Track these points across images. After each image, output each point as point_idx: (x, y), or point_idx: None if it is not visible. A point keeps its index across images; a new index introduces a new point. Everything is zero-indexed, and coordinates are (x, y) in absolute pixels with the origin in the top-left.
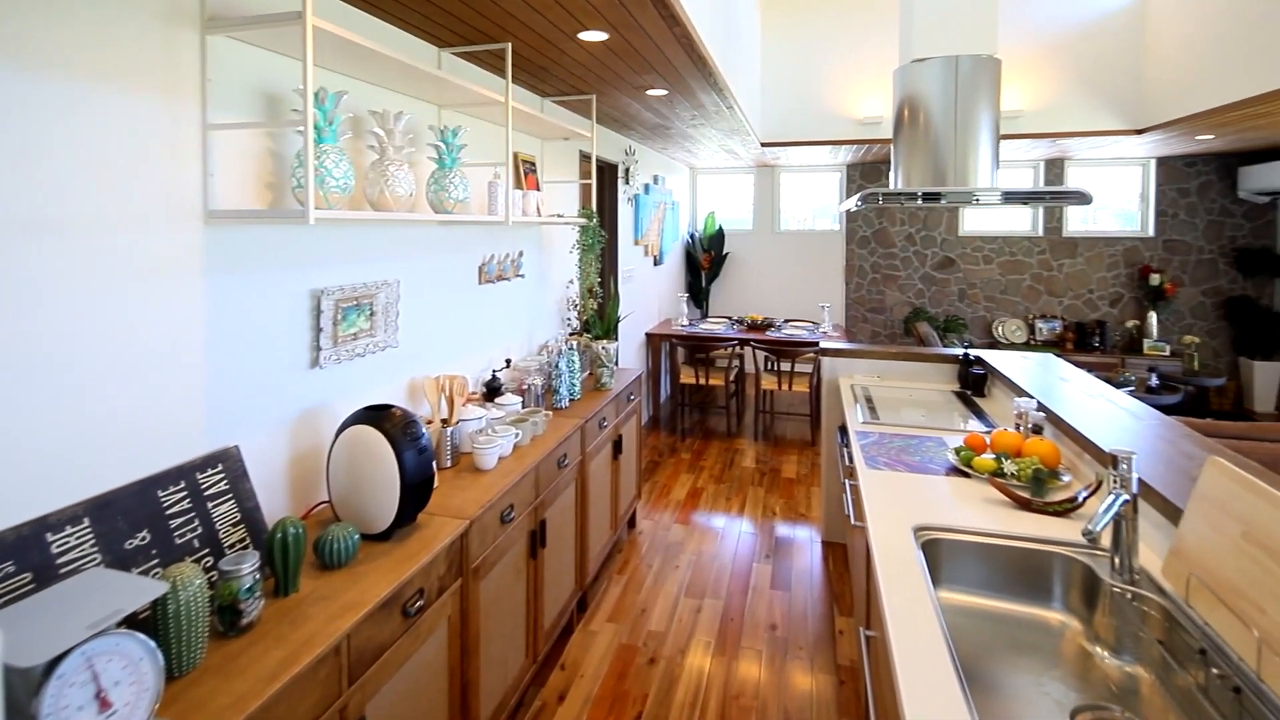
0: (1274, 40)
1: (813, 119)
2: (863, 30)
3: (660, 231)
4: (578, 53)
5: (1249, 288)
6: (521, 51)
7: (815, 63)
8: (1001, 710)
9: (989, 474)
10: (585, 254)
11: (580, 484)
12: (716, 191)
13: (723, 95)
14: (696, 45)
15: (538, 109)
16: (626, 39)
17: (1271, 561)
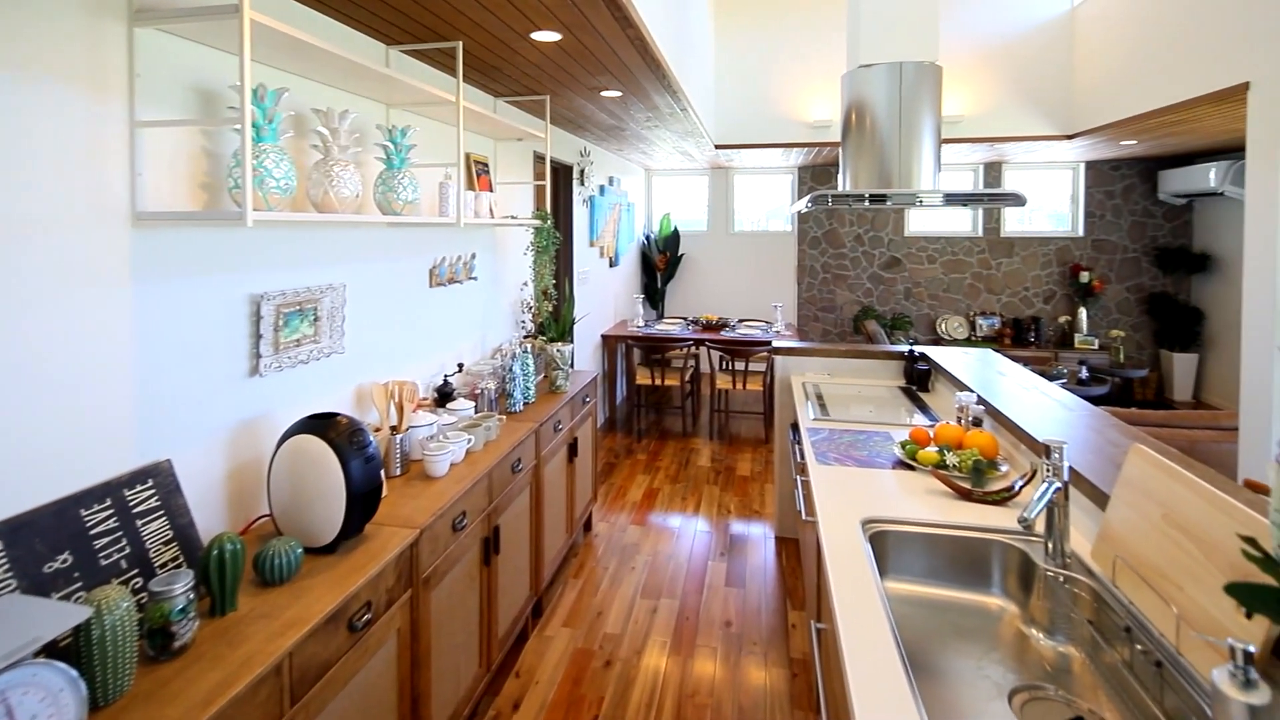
0: (1187, 55)
1: (765, 122)
2: (813, 36)
3: (616, 233)
4: (531, 53)
5: (1169, 284)
6: (473, 50)
7: (767, 67)
8: (945, 695)
9: (933, 466)
10: (540, 256)
11: (535, 489)
12: (672, 193)
13: (676, 97)
14: (650, 47)
15: (490, 109)
16: (580, 40)
17: (1189, 542)
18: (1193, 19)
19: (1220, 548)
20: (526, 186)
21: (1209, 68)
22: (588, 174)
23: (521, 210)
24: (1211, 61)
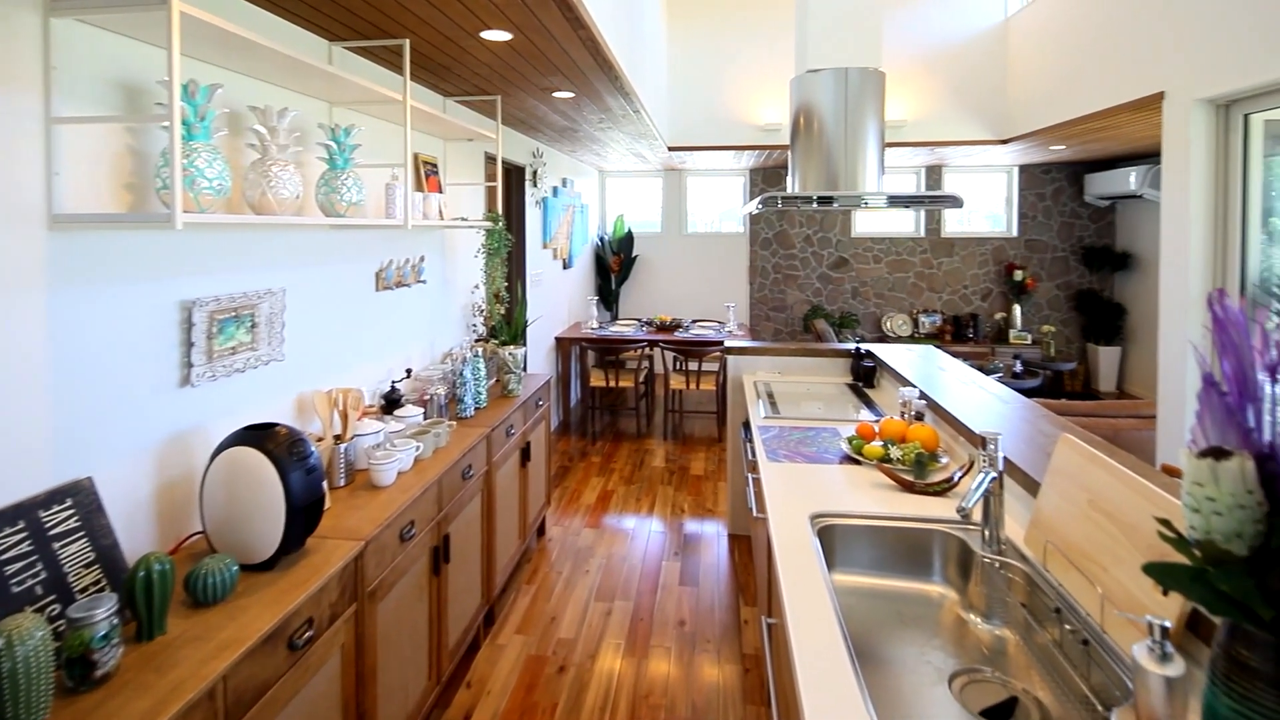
0: (1109, 66)
1: (717, 124)
2: (764, 40)
3: (569, 234)
4: (481, 52)
5: (1094, 281)
6: (421, 49)
7: (719, 70)
8: (889, 682)
9: (878, 460)
10: (491, 258)
11: (486, 495)
12: (625, 194)
13: (629, 99)
14: (602, 49)
15: (439, 109)
16: (531, 40)
17: (1112, 526)
18: (1114, 33)
19: (1140, 530)
20: (478, 188)
21: (1128, 78)
22: (541, 175)
23: (472, 212)
24: (1130, 73)
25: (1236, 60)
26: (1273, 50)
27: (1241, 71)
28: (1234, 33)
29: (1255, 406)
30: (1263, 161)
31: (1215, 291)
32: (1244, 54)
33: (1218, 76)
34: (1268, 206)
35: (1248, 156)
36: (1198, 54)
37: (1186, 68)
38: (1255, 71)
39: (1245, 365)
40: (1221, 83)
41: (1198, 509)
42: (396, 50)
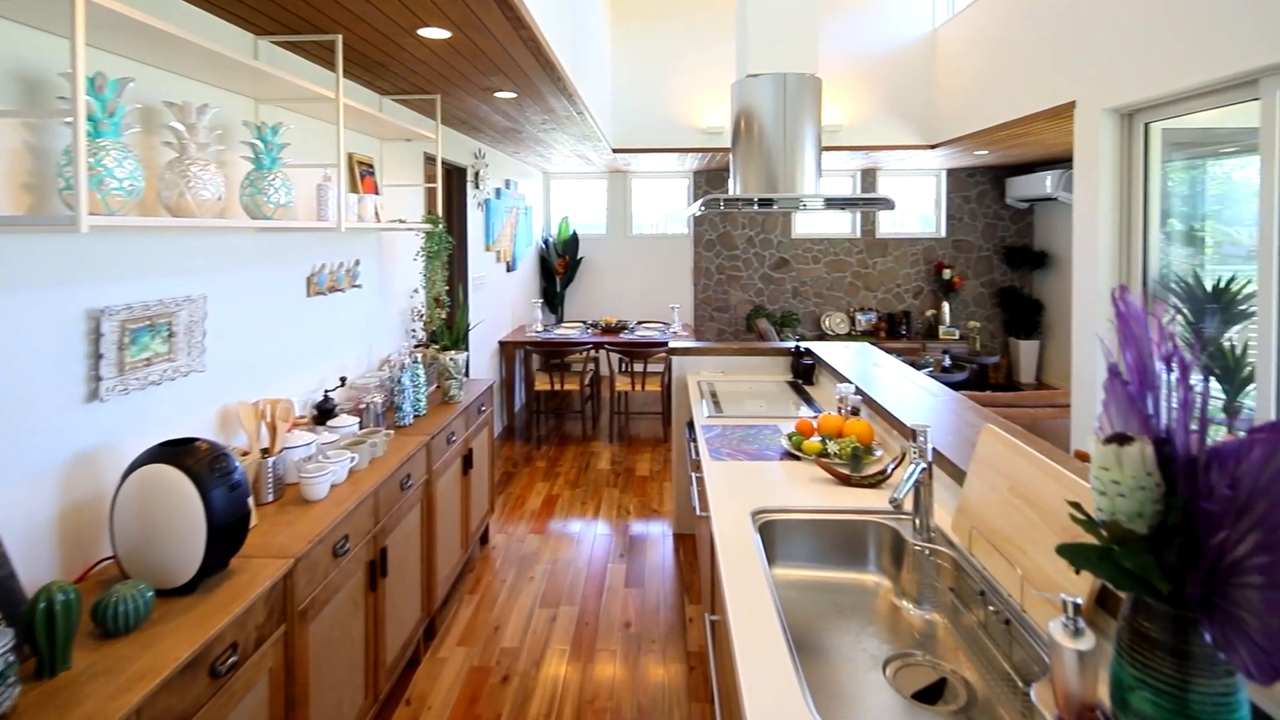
0: (1026, 76)
1: (661, 127)
2: (706, 45)
3: (513, 237)
4: (419, 50)
5: (1015, 279)
6: (355, 45)
7: (664, 73)
8: (827, 671)
9: (816, 455)
10: (431, 261)
11: (426, 505)
12: (570, 196)
13: (573, 100)
14: (544, 49)
15: (375, 107)
16: (471, 39)
17: (1030, 510)
18: (1030, 45)
19: (1055, 513)
20: (417, 189)
21: (1044, 88)
22: (483, 176)
23: (411, 214)
24: (1045, 83)
25: (1139, 73)
26: (1169, 66)
27: (1143, 84)
28: (1137, 48)
29: (1154, 394)
30: (1161, 167)
31: (1118, 288)
32: (1145, 68)
33: (1122, 88)
34: (1166, 209)
35: (1149, 162)
36: (1105, 67)
37: (1095, 79)
38: (1155, 84)
39: (1145, 356)
40: (1126, 94)
41: (1104, 492)
42: (328, 46)
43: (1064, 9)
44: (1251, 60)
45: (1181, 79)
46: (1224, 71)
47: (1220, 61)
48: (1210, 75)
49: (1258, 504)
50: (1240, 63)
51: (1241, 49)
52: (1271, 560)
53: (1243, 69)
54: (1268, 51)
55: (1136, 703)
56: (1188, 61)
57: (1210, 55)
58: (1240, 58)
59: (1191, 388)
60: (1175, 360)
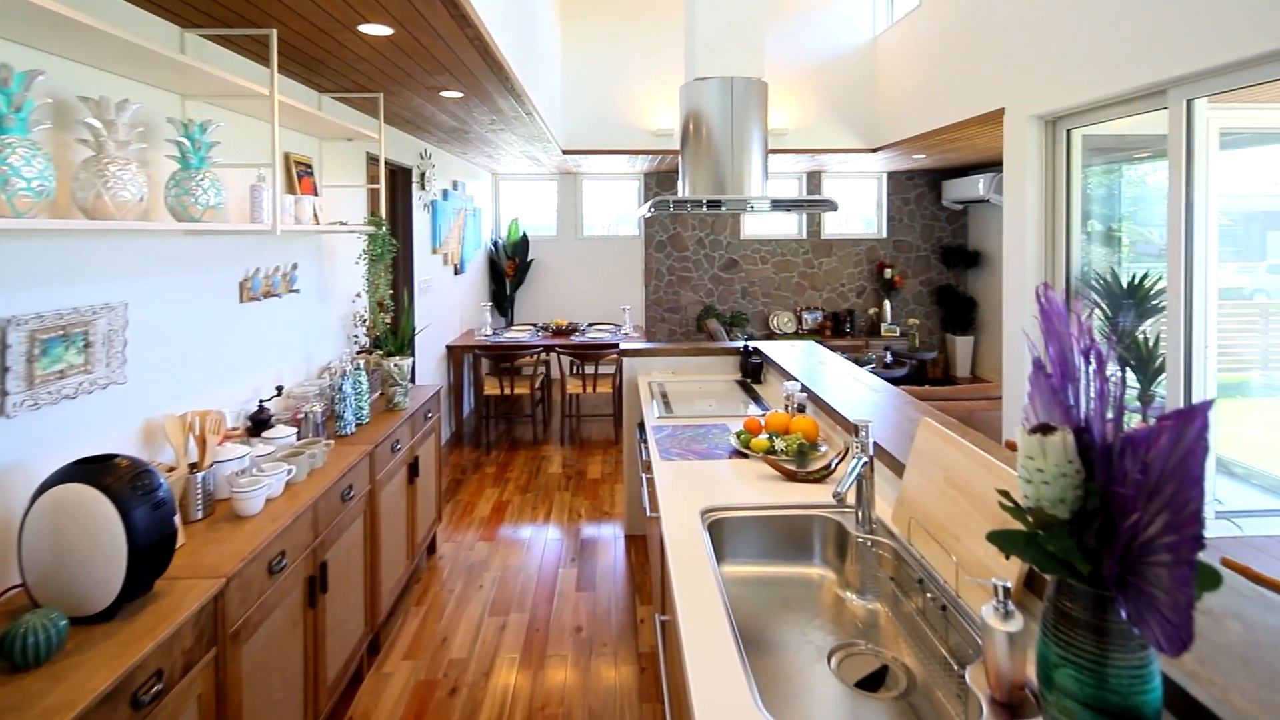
0: (960, 83)
1: (611, 129)
2: (656, 47)
3: (461, 239)
4: (360, 47)
5: (951, 277)
6: (291, 40)
7: (614, 75)
8: (775, 665)
9: (764, 453)
10: (374, 265)
11: (370, 516)
12: (520, 198)
13: (521, 101)
14: (491, 49)
15: (314, 105)
16: (415, 36)
17: (964, 499)
18: (964, 54)
19: (987, 501)
20: (359, 190)
21: (976, 96)
22: (429, 177)
23: (353, 216)
24: (977, 91)
25: (1060, 83)
26: (1087, 76)
27: (1064, 93)
28: (1059, 59)
29: (1074, 386)
30: (1082, 171)
31: (1041, 285)
32: (1066, 78)
33: (1046, 96)
34: (1087, 211)
35: (1070, 167)
36: (1030, 76)
37: (1022, 88)
38: (1075, 93)
39: (1066, 350)
40: (1049, 102)
41: (1030, 479)
42: (262, 41)
43: (993, 21)
44: (1160, 72)
45: (1098, 89)
46: (1136, 82)
47: (1132, 73)
48: (1124, 85)
49: (1166, 487)
50: (1150, 74)
51: (1151, 62)
52: (1178, 539)
53: (1152, 80)
54: (1174, 64)
55: (1061, 679)
56: (1104, 72)
57: (1123, 67)
58: (1150, 70)
59: (1108, 379)
60: (1093, 353)
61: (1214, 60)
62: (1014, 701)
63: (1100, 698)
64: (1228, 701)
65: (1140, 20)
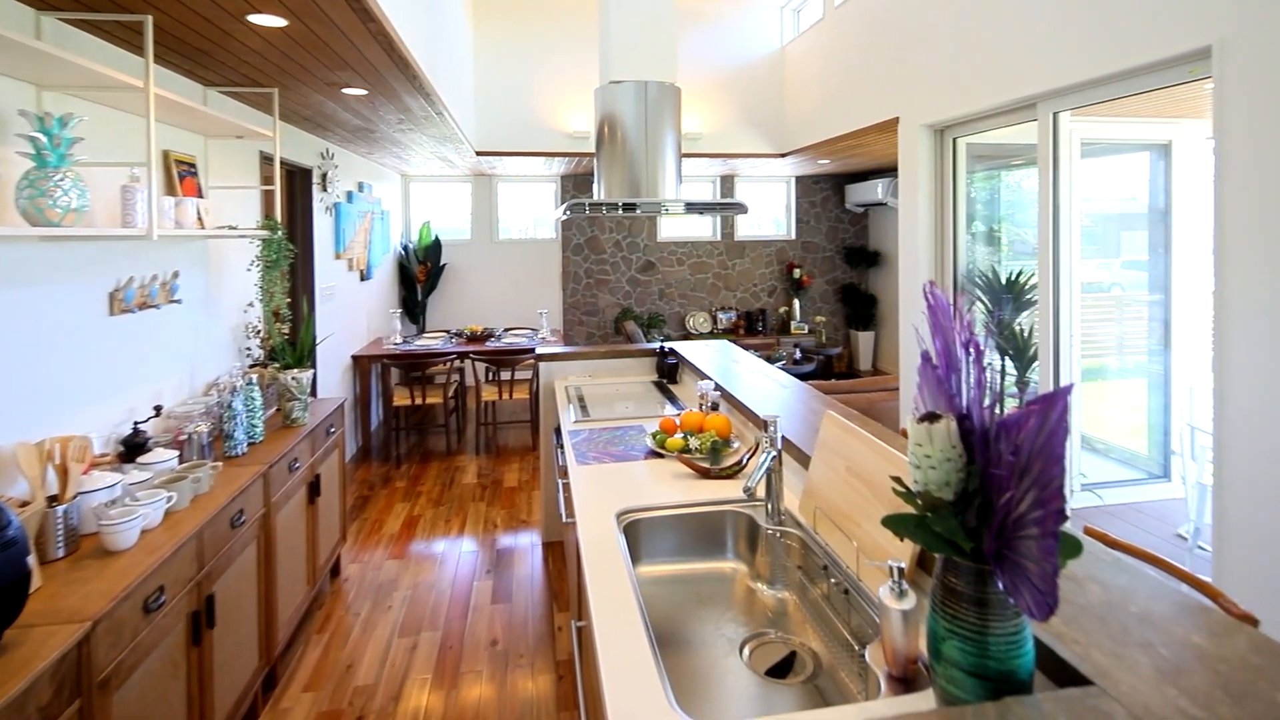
0: (859, 93)
1: (527, 130)
2: (572, 49)
3: (368, 243)
4: (251, 38)
5: (854, 276)
6: (169, 28)
7: (529, 77)
8: (689, 661)
9: (678, 452)
10: (269, 271)
11: (264, 541)
12: (432, 200)
13: (431, 100)
14: (397, 45)
15: (199, 100)
16: (312, 29)
17: (864, 487)
18: (862, 66)
19: (883, 488)
20: (252, 192)
21: (873, 105)
22: (332, 178)
23: (245, 219)
24: (875, 100)
25: (948, 95)
26: (969, 89)
27: (950, 104)
28: (945, 73)
29: (957, 376)
30: (966, 176)
31: (927, 283)
32: (951, 90)
33: (934, 107)
34: (971, 213)
35: (956, 172)
36: (921, 89)
37: (913, 99)
38: (959, 105)
39: (950, 343)
40: (938, 112)
41: (919, 465)
42: (136, 28)
43: (888, 37)
44: (1030, 87)
45: (979, 101)
46: (1010, 96)
47: (1008, 88)
48: (1001, 99)
49: (1034, 466)
50: (1022, 89)
51: (1023, 78)
52: (1045, 513)
53: (1024, 94)
54: (1042, 81)
55: (948, 651)
56: (984, 87)
57: (1000, 82)
58: (1022, 85)
59: (984, 369)
60: (972, 345)
61: (1074, 78)
62: (908, 675)
63: (982, 665)
64: (1089, 658)
65: (1014, 41)
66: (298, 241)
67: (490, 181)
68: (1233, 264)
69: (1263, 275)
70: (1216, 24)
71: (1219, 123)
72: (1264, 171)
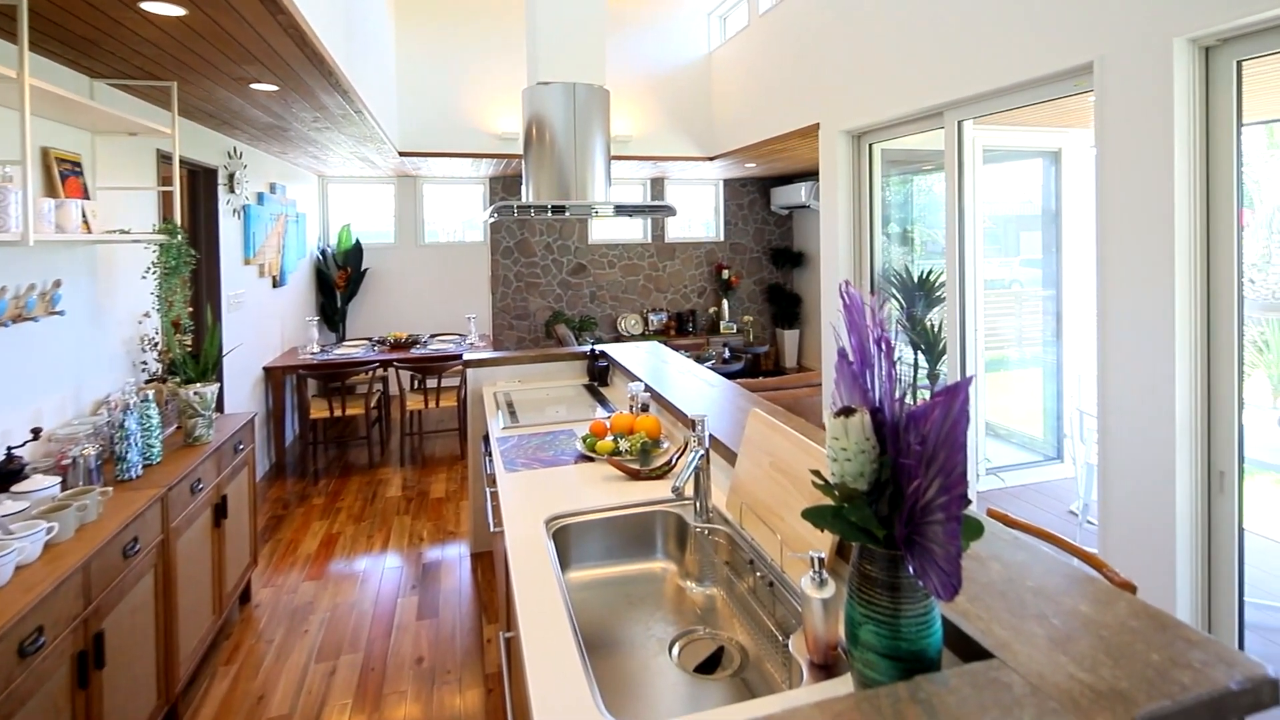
0: (782, 100)
1: (453, 131)
2: (500, 49)
3: (281, 248)
4: (144, 27)
5: (780, 276)
6: (48, 14)
7: (455, 77)
8: (620, 664)
9: (609, 454)
10: (168, 279)
11: (163, 570)
12: (352, 202)
13: (349, 98)
14: (310, 39)
15: (84, 93)
16: (214, 19)
17: (787, 481)
18: (784, 73)
19: (805, 481)
20: (149, 193)
21: (795, 111)
22: (240, 179)
23: (141, 222)
24: (797, 106)
25: (864, 103)
26: (882, 97)
27: (865, 111)
28: (861, 81)
29: (870, 372)
30: (882, 181)
31: (843, 283)
32: (867, 98)
33: (851, 114)
34: (886, 215)
35: (873, 176)
36: (840, 96)
37: (832, 105)
38: (874, 112)
39: (864, 340)
40: (854, 119)
41: (836, 458)
42: (8, 12)
43: (809, 45)
44: (938, 97)
45: (893, 109)
46: (919, 105)
47: (918, 97)
48: (912, 107)
49: (940, 454)
50: (930, 98)
51: (931, 88)
52: (949, 499)
53: (932, 103)
54: (948, 91)
55: (864, 635)
56: (897, 95)
57: (912, 91)
58: (931, 94)
59: (895, 364)
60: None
61: (977, 89)
62: (829, 662)
63: (895, 646)
64: (990, 633)
65: (924, 53)
66: (201, 246)
67: (415, 183)
68: (1111, 261)
69: (1137, 272)
70: (1097, 43)
71: (1099, 132)
72: (1138, 176)
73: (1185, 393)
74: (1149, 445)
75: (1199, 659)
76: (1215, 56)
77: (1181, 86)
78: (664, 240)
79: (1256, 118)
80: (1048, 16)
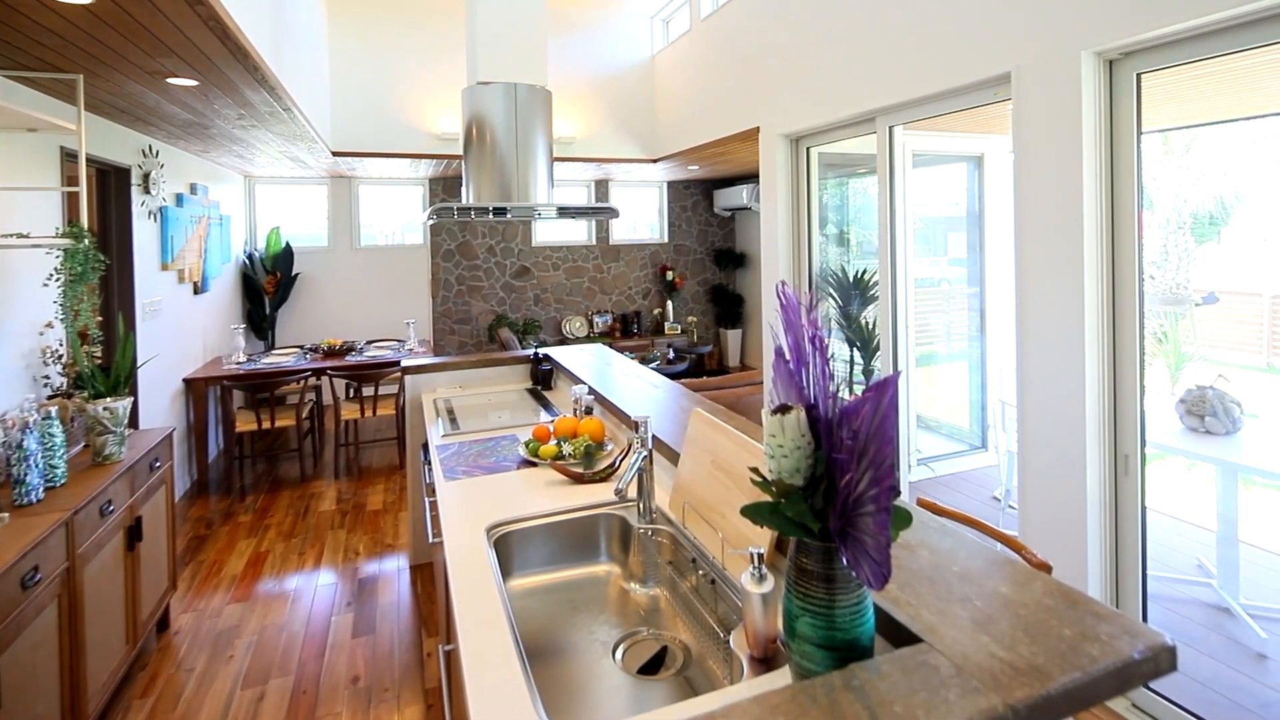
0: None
1: (390, 131)
2: (438, 47)
3: (203, 252)
4: (45, 15)
5: (723, 277)
6: None
7: (392, 75)
8: (563, 669)
9: (552, 459)
10: (74, 286)
11: (68, 601)
12: (282, 204)
13: (277, 95)
14: (232, 32)
15: None
16: (125, 9)
17: (728, 479)
18: (725, 77)
19: (745, 479)
20: (51, 194)
21: (736, 115)
22: (156, 179)
23: (42, 225)
24: (737, 110)
25: (802, 108)
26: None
27: (803, 116)
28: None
29: (805, 369)
30: (819, 183)
31: (779, 283)
32: (804, 103)
33: (789, 118)
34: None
35: (810, 179)
36: (779, 101)
37: (772, 110)
38: (810, 117)
39: (800, 339)
40: (792, 123)
41: (773, 455)
42: None
43: (748, 51)
44: (870, 103)
45: (829, 114)
46: (853, 110)
47: (852, 102)
48: (846, 112)
49: (870, 448)
50: (864, 104)
51: (864, 94)
52: (879, 490)
53: (865, 109)
54: (880, 97)
55: (801, 628)
56: (832, 101)
57: (846, 97)
58: (864, 101)
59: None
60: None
61: (906, 96)
62: (769, 655)
63: (830, 637)
64: (919, 618)
65: (857, 61)
66: (111, 251)
67: (350, 184)
68: (1028, 260)
69: (1050, 269)
70: (1014, 54)
71: (1017, 138)
72: (1051, 180)
73: (1094, 382)
74: (1062, 432)
75: (1106, 631)
76: (1119, 69)
77: (1089, 96)
78: (608, 242)
79: (1154, 126)
80: (970, 28)
